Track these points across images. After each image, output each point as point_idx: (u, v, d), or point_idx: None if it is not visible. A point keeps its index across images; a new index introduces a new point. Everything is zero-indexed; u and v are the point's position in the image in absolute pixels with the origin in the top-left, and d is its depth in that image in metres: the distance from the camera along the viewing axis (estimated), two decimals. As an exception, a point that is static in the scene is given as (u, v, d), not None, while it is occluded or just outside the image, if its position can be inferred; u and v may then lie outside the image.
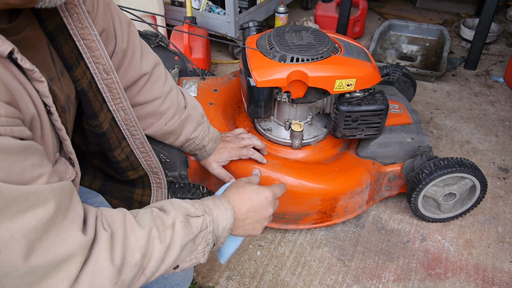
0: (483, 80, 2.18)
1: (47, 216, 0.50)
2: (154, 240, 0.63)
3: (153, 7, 2.09)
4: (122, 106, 0.81)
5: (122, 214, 0.64)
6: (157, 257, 0.63)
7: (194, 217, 0.70)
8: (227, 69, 2.31)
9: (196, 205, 0.72)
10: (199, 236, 0.70)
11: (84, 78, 0.74)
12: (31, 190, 0.48)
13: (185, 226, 0.67)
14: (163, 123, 1.01)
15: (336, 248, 1.33)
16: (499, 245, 1.33)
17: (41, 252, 0.50)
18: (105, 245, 0.57)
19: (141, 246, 0.61)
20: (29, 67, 0.54)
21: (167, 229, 0.65)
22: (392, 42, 2.44)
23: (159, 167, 0.96)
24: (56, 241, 0.51)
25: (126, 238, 0.60)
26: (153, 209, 0.69)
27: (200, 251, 0.71)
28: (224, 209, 0.76)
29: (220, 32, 2.17)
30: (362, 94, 1.22)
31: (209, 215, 0.72)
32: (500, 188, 1.54)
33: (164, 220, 0.66)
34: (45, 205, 0.50)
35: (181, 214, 0.68)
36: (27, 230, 0.48)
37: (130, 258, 0.59)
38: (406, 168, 1.33)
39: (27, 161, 0.49)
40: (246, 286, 1.22)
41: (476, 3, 2.86)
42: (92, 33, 0.71)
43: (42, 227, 0.49)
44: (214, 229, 0.73)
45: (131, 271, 0.60)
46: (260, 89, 1.17)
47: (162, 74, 0.99)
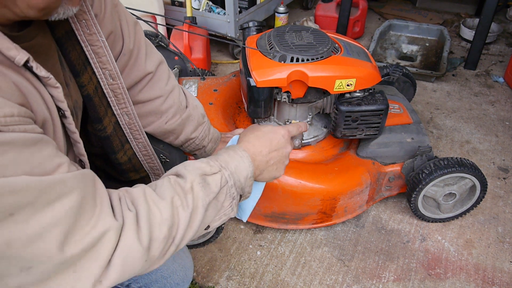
0: (483, 80, 2.18)
1: (75, 204, 0.51)
2: (178, 209, 0.63)
3: (153, 7, 2.09)
4: (126, 110, 0.82)
5: (142, 190, 0.64)
6: (184, 225, 0.63)
7: (211, 175, 0.69)
8: (227, 69, 2.31)
9: (211, 163, 0.71)
10: (221, 193, 0.69)
11: (91, 84, 0.74)
12: (56, 180, 0.49)
13: (204, 186, 0.67)
14: (163, 121, 1.01)
15: (336, 248, 1.33)
16: (499, 245, 1.33)
17: (74, 240, 0.51)
18: (132, 226, 0.58)
19: (166, 218, 0.61)
20: (44, 75, 0.55)
21: (187, 193, 0.65)
22: (392, 42, 2.44)
23: (160, 169, 0.96)
24: (87, 228, 0.52)
25: (150, 214, 0.61)
26: (170, 177, 0.68)
27: (227, 207, 0.71)
28: (240, 158, 0.73)
29: (220, 32, 2.17)
30: (362, 94, 1.22)
31: (226, 169, 0.71)
32: (500, 188, 1.54)
33: (182, 185, 0.66)
34: (72, 193, 0.51)
35: (197, 175, 0.67)
36: (58, 220, 0.49)
37: (157, 233, 0.60)
38: (406, 168, 1.33)
39: (44, 151, 0.50)
40: (246, 286, 1.22)
41: (476, 3, 2.86)
42: (100, 39, 0.72)
43: (72, 215, 0.50)
44: (235, 182, 0.71)
45: (159, 245, 0.60)
46: (260, 89, 1.17)
47: (165, 73, 0.99)
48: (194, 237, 0.67)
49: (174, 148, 1.16)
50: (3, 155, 0.44)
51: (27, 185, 0.46)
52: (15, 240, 0.46)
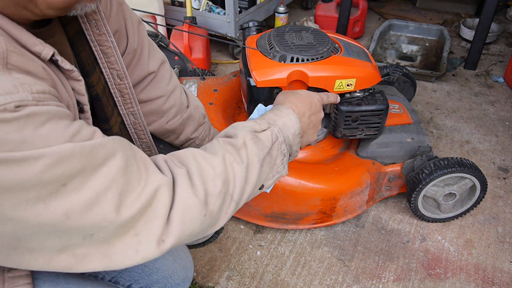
0: (483, 80, 2.18)
1: (121, 166, 0.51)
2: (232, 164, 0.63)
3: (153, 7, 2.09)
4: (132, 110, 0.82)
5: (190, 151, 0.64)
6: (240, 179, 0.64)
7: (261, 132, 0.69)
8: (227, 69, 2.31)
9: (258, 121, 0.72)
10: (273, 148, 0.70)
11: (99, 84, 0.74)
12: (97, 144, 0.50)
13: (256, 142, 0.67)
14: (164, 121, 1.01)
15: (336, 248, 1.33)
16: (499, 245, 1.33)
17: (129, 202, 0.51)
18: (185, 181, 0.58)
19: (219, 173, 0.62)
20: (69, 68, 0.56)
21: (241, 149, 0.65)
22: (392, 42, 2.44)
23: None
24: (139, 187, 0.53)
25: (201, 169, 0.61)
26: (219, 139, 0.69)
27: (279, 164, 0.71)
28: (287, 115, 0.75)
29: (220, 32, 2.17)
30: (362, 94, 1.22)
31: (275, 125, 0.72)
32: (500, 188, 1.54)
33: (233, 143, 0.66)
34: (115, 155, 0.51)
35: (248, 132, 0.68)
36: (109, 184, 0.49)
37: (212, 188, 0.60)
38: (406, 168, 1.33)
39: (78, 122, 0.50)
40: (246, 286, 1.22)
41: (476, 3, 2.86)
42: (109, 40, 0.72)
43: (121, 177, 0.51)
44: (285, 138, 0.72)
45: (217, 200, 0.61)
46: (260, 89, 1.17)
47: (167, 73, 1.00)
48: (251, 196, 0.67)
49: (174, 148, 1.16)
50: (43, 126, 0.45)
51: (72, 151, 0.46)
52: (72, 209, 0.47)
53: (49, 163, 0.44)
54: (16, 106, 0.42)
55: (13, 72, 0.45)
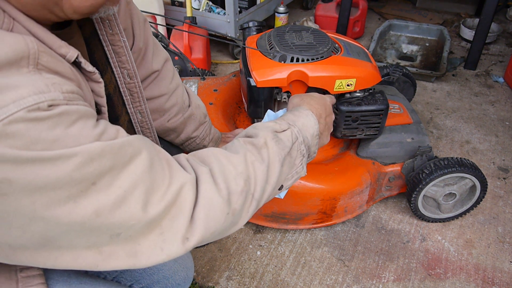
0: (483, 80, 2.18)
1: (147, 163, 0.52)
2: (254, 163, 0.64)
3: (153, 7, 2.09)
4: (140, 109, 0.82)
5: (211, 150, 0.65)
6: (261, 178, 0.64)
7: (281, 132, 0.70)
8: (227, 69, 2.31)
9: (278, 121, 0.72)
10: (293, 148, 0.70)
11: (111, 83, 0.75)
12: (125, 142, 0.50)
13: (277, 142, 0.68)
14: (165, 119, 1.02)
15: (336, 248, 1.33)
16: (499, 245, 1.33)
17: (156, 199, 0.52)
18: (208, 179, 0.58)
19: (241, 172, 0.62)
20: (91, 70, 0.57)
21: (262, 148, 0.66)
22: (392, 42, 2.44)
23: None
24: (164, 185, 0.53)
25: (223, 168, 0.61)
26: (239, 139, 0.69)
27: (298, 165, 0.72)
28: (306, 116, 0.75)
29: (220, 32, 2.17)
30: (362, 94, 1.22)
31: (294, 126, 0.72)
32: (500, 188, 1.54)
33: (254, 143, 0.67)
34: (141, 153, 0.52)
35: (269, 132, 0.68)
36: (136, 181, 0.50)
37: (234, 186, 0.60)
38: (406, 168, 1.33)
39: (102, 121, 0.51)
40: (246, 286, 1.22)
41: (476, 3, 2.86)
42: (121, 39, 0.72)
43: (147, 175, 0.51)
44: (304, 139, 0.73)
45: (239, 198, 0.61)
46: (260, 89, 1.17)
47: (170, 71, 1.00)
48: (271, 196, 0.67)
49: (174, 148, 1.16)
50: (73, 125, 0.45)
51: (102, 150, 0.47)
52: (102, 207, 0.48)
53: (81, 161, 0.45)
54: (49, 105, 0.43)
55: (43, 72, 0.46)
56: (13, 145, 0.41)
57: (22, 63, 0.44)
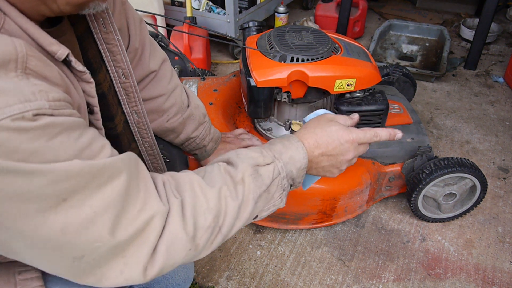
0: (483, 80, 2.18)
1: (123, 187, 0.51)
2: (226, 199, 0.62)
3: (153, 7, 2.09)
4: (136, 109, 0.82)
5: (189, 177, 0.63)
6: (232, 215, 0.62)
7: (264, 166, 0.66)
8: (227, 69, 2.31)
9: (264, 152, 0.68)
10: (272, 184, 0.67)
11: (105, 82, 0.74)
12: (106, 163, 0.49)
13: (256, 178, 0.65)
14: (164, 120, 1.02)
15: (336, 248, 1.33)
16: (499, 245, 1.33)
17: (124, 224, 0.51)
18: (177, 212, 0.57)
19: (212, 207, 0.60)
20: (81, 69, 0.56)
21: (238, 184, 0.63)
22: (392, 42, 2.44)
23: (164, 169, 0.96)
24: (135, 211, 0.52)
25: (195, 202, 0.60)
26: (220, 165, 0.67)
27: (277, 198, 0.69)
28: (296, 149, 0.70)
29: (220, 32, 2.17)
30: (362, 94, 1.22)
31: (279, 160, 0.68)
32: (500, 188, 1.54)
33: (233, 175, 0.64)
34: (120, 176, 0.51)
35: (249, 166, 0.65)
36: (108, 204, 0.49)
37: (202, 222, 0.59)
38: (406, 168, 1.33)
39: (89, 134, 0.50)
40: (246, 286, 1.22)
41: (476, 3, 2.86)
42: (116, 38, 0.72)
43: (121, 199, 0.50)
44: (288, 173, 0.69)
45: (204, 234, 0.59)
46: (260, 89, 1.17)
47: (168, 72, 1.00)
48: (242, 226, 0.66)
49: (174, 148, 1.16)
50: (55, 138, 0.45)
51: (81, 169, 0.46)
52: (69, 225, 0.47)
53: (56, 178, 0.44)
54: (34, 114, 0.42)
55: (30, 77, 0.45)
56: None
57: (10, 67, 0.43)
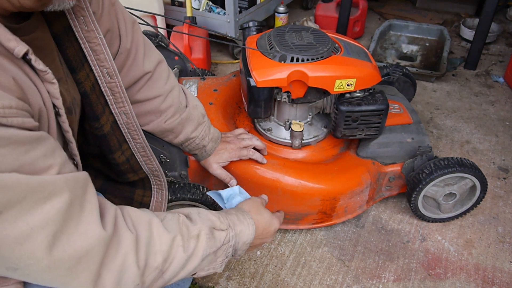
0: (483, 80, 2.18)
1: (64, 207, 0.50)
2: (178, 248, 0.65)
3: (153, 7, 2.09)
4: (124, 110, 0.82)
5: (148, 217, 0.65)
6: (178, 264, 0.65)
7: (218, 231, 0.73)
8: (227, 69, 2.31)
9: (221, 219, 0.75)
10: (221, 249, 0.73)
11: (87, 81, 0.74)
12: (47, 180, 0.49)
13: (209, 238, 0.70)
14: (162, 120, 1.02)
15: (336, 248, 1.33)
16: (499, 245, 1.33)
17: (62, 244, 0.50)
18: (131, 246, 0.59)
19: (164, 250, 0.63)
20: (42, 69, 0.55)
21: (192, 239, 0.68)
22: (392, 42, 2.44)
23: (159, 170, 0.96)
24: (76, 233, 0.52)
25: (150, 241, 0.62)
26: (180, 216, 0.70)
27: (219, 262, 0.74)
28: (248, 225, 0.79)
29: (220, 32, 2.17)
30: (362, 94, 1.22)
31: (233, 230, 0.75)
32: (500, 188, 1.54)
33: (190, 229, 0.69)
34: (61, 195, 0.50)
35: (206, 227, 0.71)
36: (46, 222, 0.48)
37: (152, 261, 0.62)
38: (406, 168, 1.33)
39: (38, 151, 0.49)
40: (246, 286, 1.22)
41: (476, 3, 2.86)
42: (98, 37, 0.72)
43: (61, 218, 0.50)
44: (235, 243, 0.76)
45: (151, 273, 0.62)
46: (260, 89, 1.17)
47: (165, 72, 1.00)
48: (180, 279, 0.69)
49: (174, 148, 1.16)
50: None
51: (17, 182, 0.45)
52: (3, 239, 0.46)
53: None
54: None
55: None
56: None
57: None
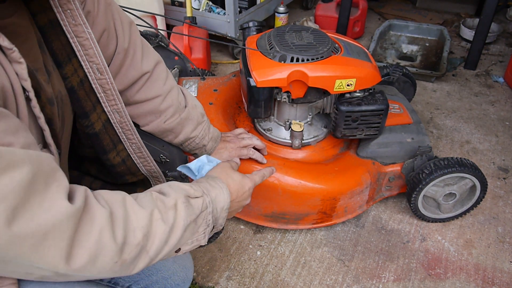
0: (483, 80, 2.18)
1: (25, 180, 0.48)
2: (157, 221, 0.63)
3: (153, 7, 2.09)
4: (116, 108, 0.81)
5: (122, 196, 0.63)
6: (161, 238, 0.63)
7: (194, 198, 0.71)
8: (227, 69, 2.31)
9: (194, 187, 0.73)
10: (200, 216, 0.71)
11: (75, 76, 0.73)
12: (2, 150, 0.47)
13: (187, 206, 0.68)
14: (162, 121, 1.02)
15: (336, 248, 1.32)
16: (499, 245, 1.33)
17: (24, 219, 0.48)
18: (106, 222, 0.57)
19: (142, 226, 0.61)
20: (7, 46, 0.53)
21: (170, 210, 0.66)
22: (392, 42, 2.44)
23: (158, 172, 0.96)
24: (39, 209, 0.50)
25: (127, 217, 0.60)
26: (152, 193, 0.69)
27: (201, 232, 0.72)
28: (221, 189, 0.77)
29: (220, 32, 2.17)
30: (362, 94, 1.22)
31: (208, 195, 0.73)
32: (500, 188, 1.54)
33: (165, 202, 0.67)
34: (21, 168, 0.48)
35: (182, 195, 0.69)
36: (5, 194, 0.46)
37: (131, 238, 0.59)
38: (406, 168, 1.32)
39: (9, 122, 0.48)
40: (246, 286, 1.22)
41: (476, 3, 2.86)
42: (86, 31, 0.71)
43: (22, 191, 0.48)
44: (213, 209, 0.73)
45: (132, 250, 0.60)
46: (260, 89, 1.17)
47: (163, 73, 1.00)
48: (167, 256, 0.67)
49: (174, 148, 1.16)
50: None
51: None
52: None
53: None
54: None
55: None
56: None
57: None
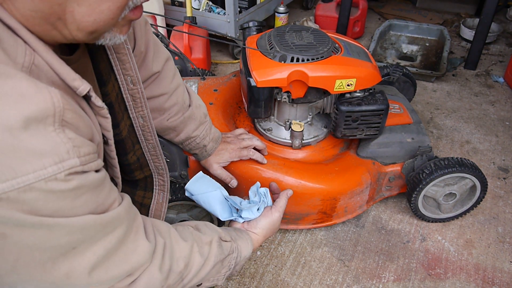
0: (483, 80, 2.18)
1: (122, 234, 0.56)
2: (195, 253, 0.71)
3: (153, 7, 2.09)
4: (142, 114, 0.82)
5: (167, 226, 0.71)
6: (196, 268, 0.70)
7: (224, 241, 0.78)
8: (227, 69, 2.31)
9: (224, 231, 0.81)
10: (226, 259, 0.78)
11: (113, 92, 0.74)
12: (114, 216, 0.54)
13: (219, 246, 0.76)
14: (165, 118, 1.02)
15: (336, 248, 1.33)
16: (499, 245, 1.33)
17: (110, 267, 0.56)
18: (160, 252, 0.64)
19: (185, 256, 0.68)
20: (100, 105, 0.57)
21: (206, 245, 0.74)
22: (392, 42, 2.44)
23: (165, 169, 0.96)
24: (128, 252, 0.58)
25: (173, 247, 0.67)
26: (189, 227, 0.76)
27: (222, 273, 0.78)
28: (246, 241, 0.85)
29: (220, 32, 2.17)
30: (362, 94, 1.22)
31: (235, 242, 0.81)
32: (500, 188, 1.54)
33: (202, 238, 0.74)
34: (122, 225, 0.56)
35: (216, 236, 0.77)
36: (109, 250, 0.54)
37: (175, 266, 0.67)
38: (406, 168, 1.33)
39: (105, 189, 0.54)
40: (246, 286, 1.22)
41: (476, 3, 2.86)
42: (126, 47, 0.72)
43: (119, 244, 0.56)
44: (237, 256, 0.81)
45: (175, 277, 0.67)
46: (260, 89, 1.17)
47: (171, 71, 1.00)
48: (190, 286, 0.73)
49: (174, 148, 1.16)
50: (79, 198, 0.48)
51: (93, 222, 0.50)
52: (73, 271, 0.50)
53: (72, 230, 0.47)
54: (66, 174, 0.44)
55: (66, 129, 0.46)
56: (21, 208, 0.42)
57: (48, 121, 0.44)
